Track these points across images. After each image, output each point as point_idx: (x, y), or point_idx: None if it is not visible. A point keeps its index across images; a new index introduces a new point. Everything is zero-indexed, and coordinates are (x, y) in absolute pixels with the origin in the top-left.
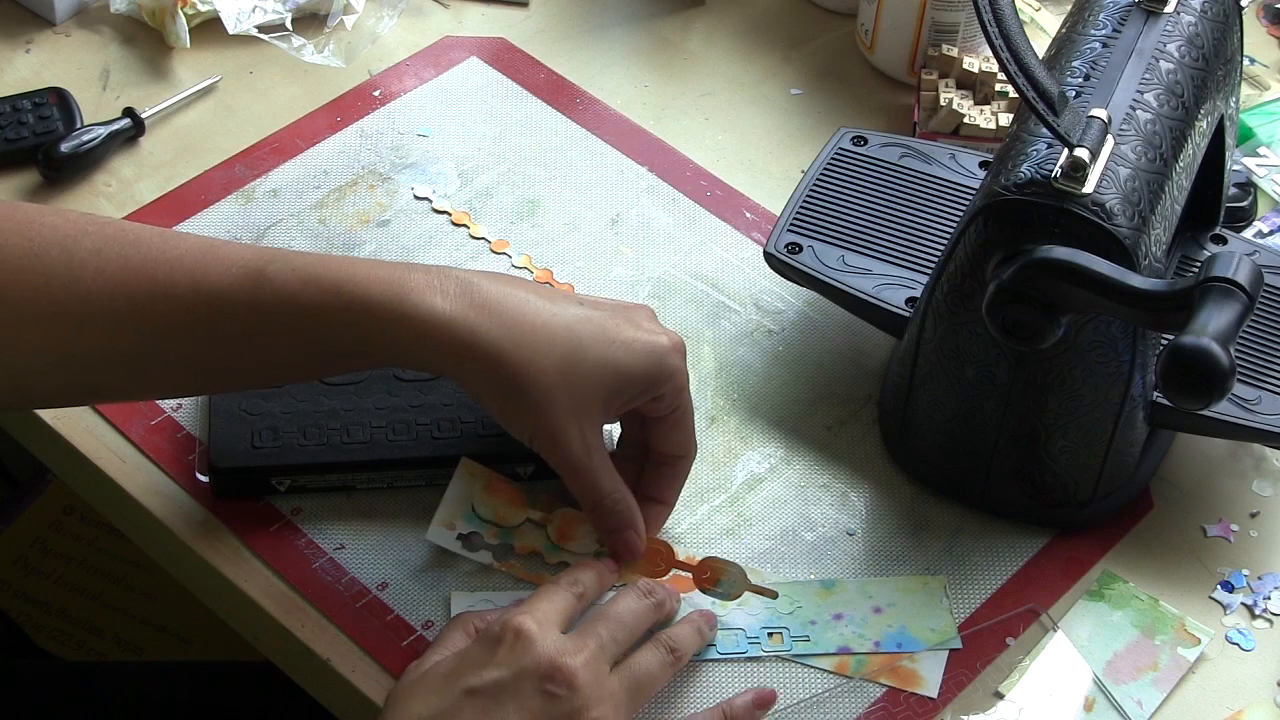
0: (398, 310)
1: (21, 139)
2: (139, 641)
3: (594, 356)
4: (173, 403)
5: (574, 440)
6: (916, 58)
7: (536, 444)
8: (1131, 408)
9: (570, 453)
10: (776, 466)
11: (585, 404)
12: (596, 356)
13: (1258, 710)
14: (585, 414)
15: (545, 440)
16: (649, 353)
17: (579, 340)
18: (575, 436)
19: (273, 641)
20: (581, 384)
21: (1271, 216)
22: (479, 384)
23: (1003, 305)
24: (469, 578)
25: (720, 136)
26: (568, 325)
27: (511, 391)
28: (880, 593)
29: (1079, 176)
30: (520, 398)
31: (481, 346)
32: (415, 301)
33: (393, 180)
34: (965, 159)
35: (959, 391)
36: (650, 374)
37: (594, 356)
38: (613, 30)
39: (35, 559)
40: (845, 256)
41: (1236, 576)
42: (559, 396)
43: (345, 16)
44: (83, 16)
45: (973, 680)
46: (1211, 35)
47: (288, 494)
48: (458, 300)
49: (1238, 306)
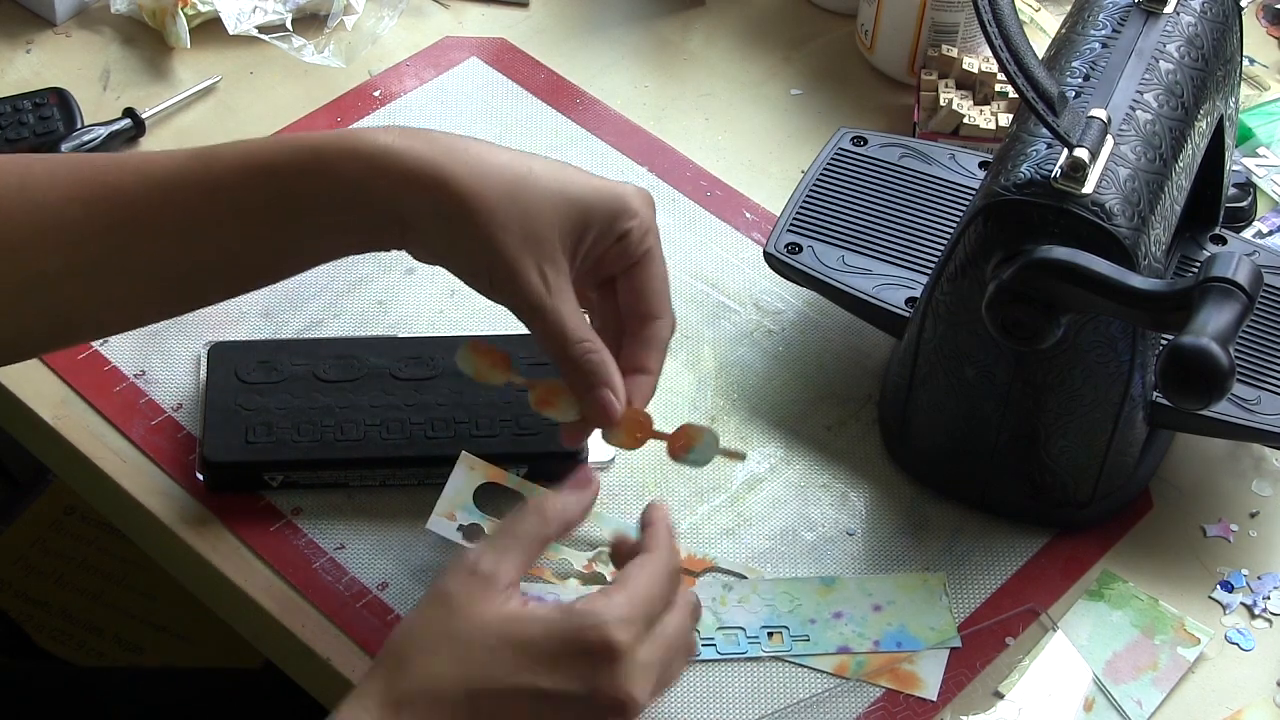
0: (345, 146)
1: (22, 139)
2: (139, 641)
3: (546, 184)
4: (173, 402)
5: (532, 274)
6: (916, 58)
7: (494, 283)
8: (1131, 408)
9: (529, 288)
10: (776, 466)
11: (541, 236)
12: (549, 185)
13: (1257, 710)
14: (542, 249)
15: (501, 275)
16: (608, 188)
17: (530, 170)
18: (532, 269)
19: (273, 641)
20: (535, 214)
21: (1271, 217)
22: (427, 219)
23: (1003, 305)
24: None
25: (720, 136)
26: (518, 158)
27: (459, 219)
28: (880, 590)
29: (1079, 177)
30: (468, 225)
31: (426, 172)
32: (360, 136)
33: None
34: (965, 159)
35: (959, 391)
36: (610, 208)
37: (546, 184)
38: (613, 30)
39: (35, 559)
40: (845, 256)
41: (1236, 576)
42: (510, 224)
43: (345, 17)
44: (83, 17)
45: (972, 680)
46: (1211, 35)
47: (284, 491)
48: (403, 135)
49: (1237, 306)
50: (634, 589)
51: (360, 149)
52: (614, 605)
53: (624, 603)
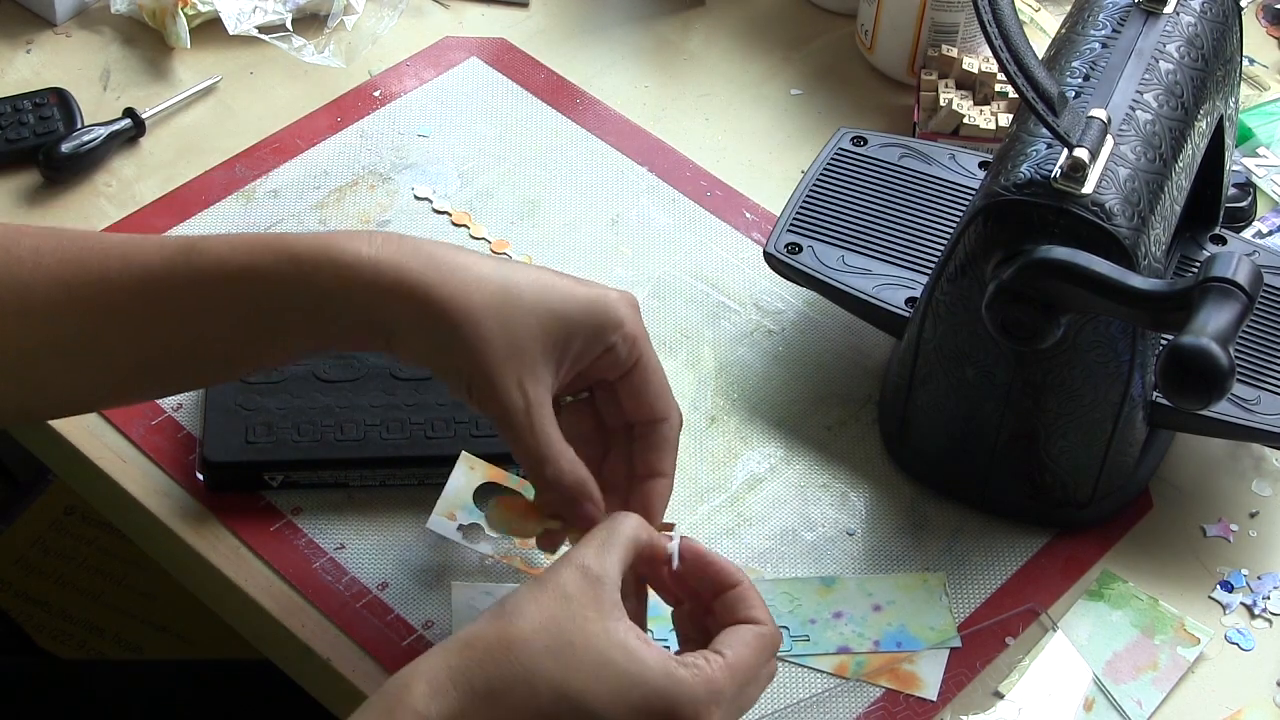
0: (323, 256)
1: (22, 139)
2: (139, 641)
3: (530, 299)
4: (173, 402)
5: (512, 389)
6: (916, 58)
7: (474, 391)
8: (1131, 408)
9: (508, 402)
10: (776, 466)
11: (523, 349)
12: (533, 299)
13: (1256, 710)
14: (524, 362)
15: (481, 386)
16: (591, 299)
17: (514, 282)
18: (513, 384)
19: (273, 641)
20: (518, 327)
21: (1271, 217)
22: (409, 331)
23: (1003, 305)
24: (470, 575)
25: (720, 136)
26: (500, 269)
27: (440, 332)
28: (880, 590)
29: (1078, 177)
30: (450, 335)
31: (407, 284)
32: (341, 247)
33: (393, 180)
34: (965, 159)
35: (959, 391)
36: (594, 320)
37: (530, 299)
38: (613, 30)
39: (36, 559)
40: (845, 256)
41: (1236, 576)
42: (492, 337)
43: (345, 17)
44: (83, 17)
45: (972, 680)
46: (1211, 36)
47: (284, 491)
48: (384, 246)
49: (1237, 306)
50: (740, 671)
51: (340, 259)
52: (718, 685)
53: (727, 684)
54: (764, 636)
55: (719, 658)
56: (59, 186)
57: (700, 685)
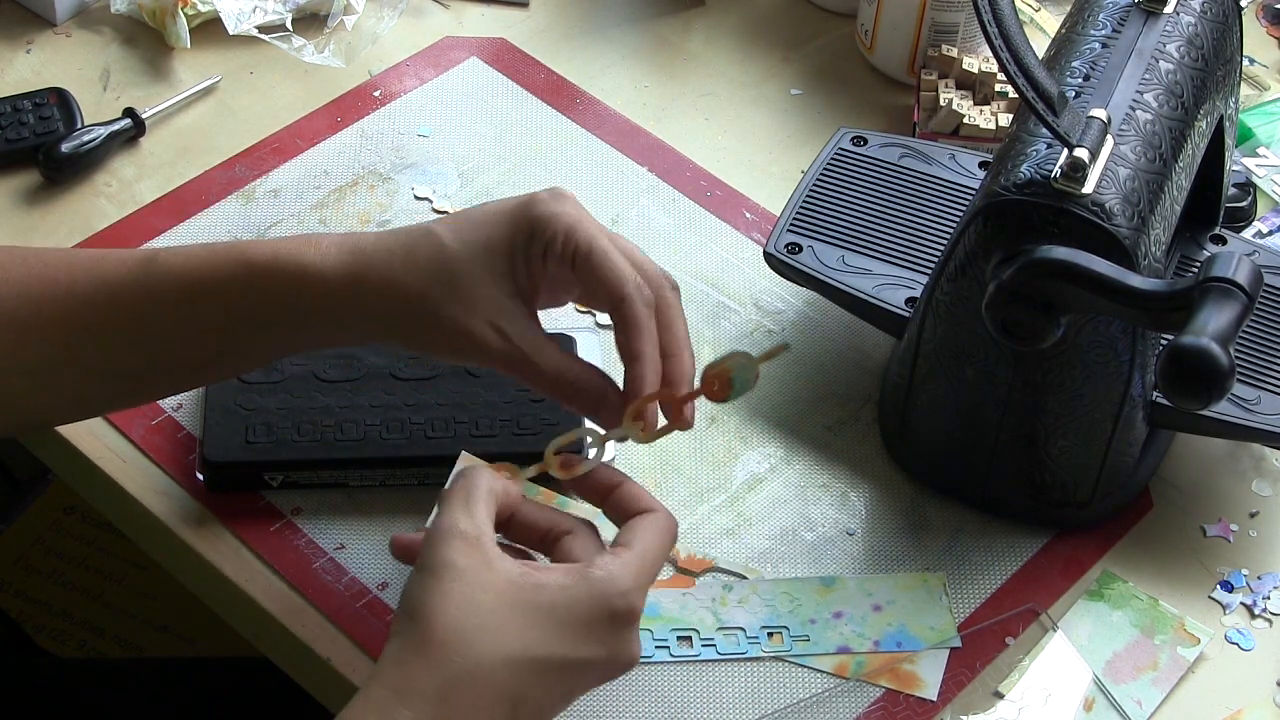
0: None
1: (22, 139)
2: (139, 641)
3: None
4: (173, 402)
5: (489, 336)
6: (916, 58)
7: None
8: (1131, 408)
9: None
10: (776, 466)
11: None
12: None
13: (1257, 710)
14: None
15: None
16: (513, 207)
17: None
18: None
19: (273, 641)
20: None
21: (1271, 216)
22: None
23: (1003, 305)
24: None
25: (720, 136)
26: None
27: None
28: (880, 590)
29: (1079, 177)
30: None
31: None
32: (286, 255)
33: (393, 180)
34: (965, 159)
35: (959, 391)
36: (523, 226)
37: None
38: (613, 30)
39: (36, 559)
40: (845, 256)
41: (1236, 576)
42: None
43: (345, 17)
44: (83, 17)
45: (972, 680)
46: (1211, 35)
47: (284, 491)
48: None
49: (1237, 306)
50: (647, 554)
51: (285, 268)
52: (632, 572)
53: (639, 568)
54: (659, 520)
55: (626, 549)
56: (59, 186)
57: (620, 575)
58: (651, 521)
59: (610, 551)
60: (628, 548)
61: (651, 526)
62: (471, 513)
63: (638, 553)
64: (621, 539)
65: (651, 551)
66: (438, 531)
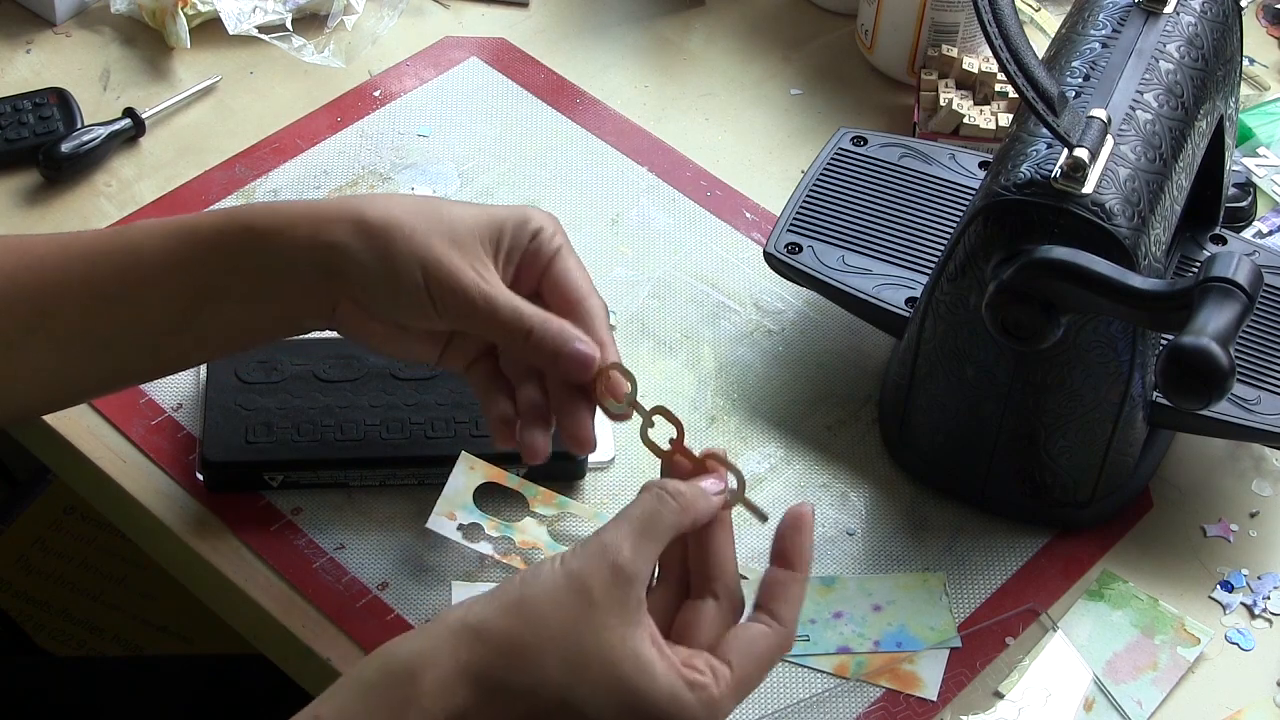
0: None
1: (22, 139)
2: (139, 641)
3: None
4: (173, 402)
5: (468, 271)
6: (916, 58)
7: (433, 291)
8: (1131, 408)
9: (469, 283)
10: (776, 466)
11: (464, 242)
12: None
13: (1257, 710)
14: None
15: (440, 280)
16: (511, 207)
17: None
18: (469, 269)
19: (272, 641)
20: (454, 224)
21: (1271, 216)
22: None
23: (1003, 305)
24: (470, 575)
25: (720, 136)
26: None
27: (381, 242)
28: (880, 590)
29: (1079, 177)
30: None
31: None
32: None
33: (393, 180)
34: (965, 159)
35: (959, 391)
36: (516, 218)
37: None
38: (613, 30)
39: (35, 558)
40: (845, 256)
41: (1236, 576)
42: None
43: (345, 17)
44: (83, 17)
45: (972, 680)
46: (1211, 36)
47: (284, 491)
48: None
49: (1237, 306)
50: (746, 679)
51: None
52: (726, 700)
53: (729, 702)
54: (776, 642)
55: (726, 672)
56: (59, 186)
57: (702, 710)
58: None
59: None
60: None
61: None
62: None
63: (740, 681)
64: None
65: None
66: (600, 546)
